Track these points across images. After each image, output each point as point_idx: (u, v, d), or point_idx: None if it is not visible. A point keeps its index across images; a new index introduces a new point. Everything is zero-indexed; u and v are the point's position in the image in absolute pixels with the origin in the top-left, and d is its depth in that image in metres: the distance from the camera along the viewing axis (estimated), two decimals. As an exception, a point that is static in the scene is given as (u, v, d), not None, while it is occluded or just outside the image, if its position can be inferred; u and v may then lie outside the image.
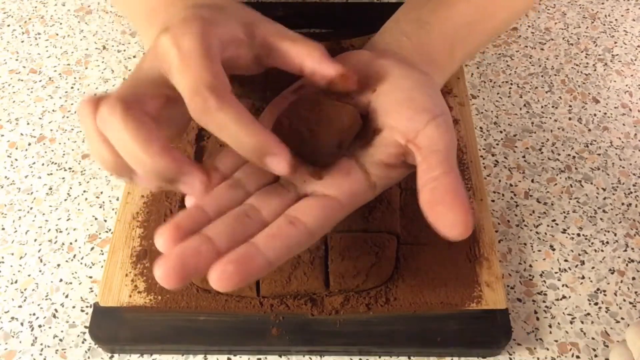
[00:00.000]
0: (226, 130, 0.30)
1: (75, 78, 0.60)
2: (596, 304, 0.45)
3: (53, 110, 0.57)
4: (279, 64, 0.35)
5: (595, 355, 0.42)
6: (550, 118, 0.56)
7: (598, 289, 0.45)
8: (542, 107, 0.57)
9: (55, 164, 0.53)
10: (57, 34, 0.64)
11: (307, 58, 0.34)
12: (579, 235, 0.48)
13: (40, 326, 0.44)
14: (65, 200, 0.50)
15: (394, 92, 0.35)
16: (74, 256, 0.47)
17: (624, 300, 0.45)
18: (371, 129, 0.35)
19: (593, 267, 0.46)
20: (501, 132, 0.55)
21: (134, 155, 0.29)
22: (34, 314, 0.44)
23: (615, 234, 0.48)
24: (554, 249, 0.47)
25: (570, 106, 0.57)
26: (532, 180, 0.52)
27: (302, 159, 0.34)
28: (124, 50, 0.62)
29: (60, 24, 0.65)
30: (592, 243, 0.48)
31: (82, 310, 0.44)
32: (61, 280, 0.46)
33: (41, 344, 0.43)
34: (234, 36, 0.34)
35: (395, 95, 0.35)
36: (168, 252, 0.29)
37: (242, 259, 0.29)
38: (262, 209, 0.33)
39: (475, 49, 0.44)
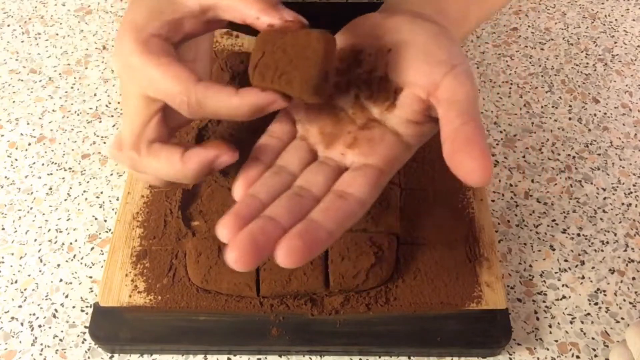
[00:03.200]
0: (221, 111, 0.33)
1: (75, 78, 0.60)
2: (596, 304, 0.45)
3: (53, 110, 0.57)
4: (226, 18, 0.35)
5: (595, 355, 0.42)
6: (550, 118, 0.56)
7: (598, 289, 0.45)
8: (542, 107, 0.57)
9: (55, 164, 0.53)
10: (57, 34, 0.64)
11: (248, 10, 0.34)
12: (579, 235, 0.48)
13: (40, 326, 0.44)
14: (65, 200, 0.50)
15: (409, 48, 0.35)
16: (74, 256, 0.47)
17: (624, 300, 0.45)
18: (392, 90, 0.35)
19: (593, 267, 0.46)
20: (501, 132, 0.55)
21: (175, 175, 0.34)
22: (34, 314, 0.44)
23: (615, 234, 0.48)
24: (554, 249, 0.47)
25: (570, 106, 0.57)
26: (532, 180, 0.52)
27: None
28: (124, 50, 0.62)
29: (60, 24, 0.65)
30: (592, 243, 0.48)
31: (82, 310, 0.44)
32: (61, 280, 0.46)
33: (41, 344, 0.43)
34: (170, 20, 0.34)
35: (410, 51, 0.35)
36: (233, 239, 0.30)
37: (306, 233, 0.30)
38: (312, 187, 0.34)
39: (490, 10, 0.44)
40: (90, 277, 0.46)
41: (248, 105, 0.32)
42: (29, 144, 0.54)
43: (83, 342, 0.43)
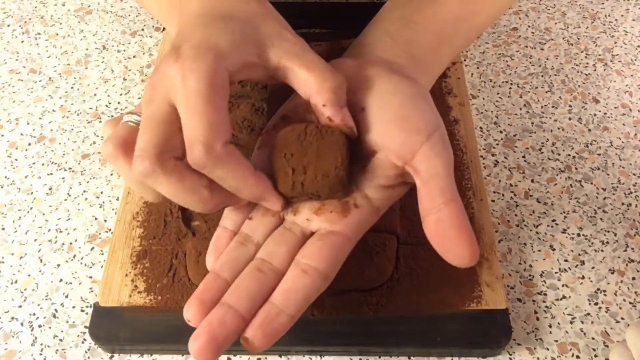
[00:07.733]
0: (225, 182, 0.31)
1: (75, 78, 0.60)
2: (596, 304, 0.45)
3: (53, 110, 0.57)
4: (293, 86, 0.34)
5: (595, 355, 0.42)
6: (550, 118, 0.56)
7: (598, 289, 0.45)
8: (542, 107, 0.57)
9: (55, 164, 0.53)
10: (57, 34, 0.64)
11: (316, 94, 0.33)
12: (579, 235, 0.48)
13: (40, 326, 0.44)
14: (65, 200, 0.50)
15: (384, 110, 0.34)
16: (74, 256, 0.47)
17: (624, 300, 0.45)
18: (365, 152, 0.34)
19: (593, 267, 0.46)
20: (501, 132, 0.55)
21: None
22: (34, 314, 0.44)
23: (615, 234, 0.48)
24: (554, 249, 0.47)
25: (570, 106, 0.57)
26: (532, 180, 0.52)
27: (311, 199, 0.34)
28: (124, 50, 0.62)
29: (60, 24, 0.65)
30: (592, 243, 0.48)
31: (82, 310, 0.44)
32: (61, 280, 0.46)
33: (41, 344, 0.43)
34: (247, 62, 0.32)
35: (385, 113, 0.34)
36: (198, 327, 0.31)
37: (266, 322, 0.31)
38: (273, 260, 0.33)
39: (461, 46, 0.43)
40: (90, 277, 0.46)
41: (253, 191, 0.32)
42: (29, 144, 0.54)
43: (83, 342, 0.43)
